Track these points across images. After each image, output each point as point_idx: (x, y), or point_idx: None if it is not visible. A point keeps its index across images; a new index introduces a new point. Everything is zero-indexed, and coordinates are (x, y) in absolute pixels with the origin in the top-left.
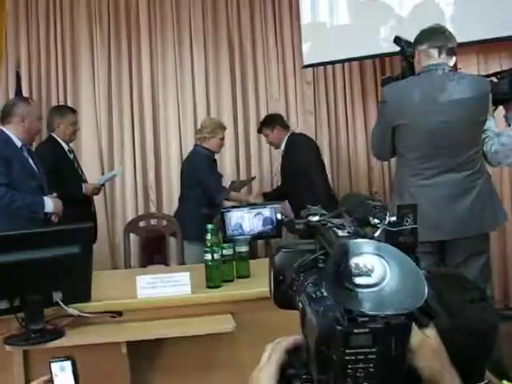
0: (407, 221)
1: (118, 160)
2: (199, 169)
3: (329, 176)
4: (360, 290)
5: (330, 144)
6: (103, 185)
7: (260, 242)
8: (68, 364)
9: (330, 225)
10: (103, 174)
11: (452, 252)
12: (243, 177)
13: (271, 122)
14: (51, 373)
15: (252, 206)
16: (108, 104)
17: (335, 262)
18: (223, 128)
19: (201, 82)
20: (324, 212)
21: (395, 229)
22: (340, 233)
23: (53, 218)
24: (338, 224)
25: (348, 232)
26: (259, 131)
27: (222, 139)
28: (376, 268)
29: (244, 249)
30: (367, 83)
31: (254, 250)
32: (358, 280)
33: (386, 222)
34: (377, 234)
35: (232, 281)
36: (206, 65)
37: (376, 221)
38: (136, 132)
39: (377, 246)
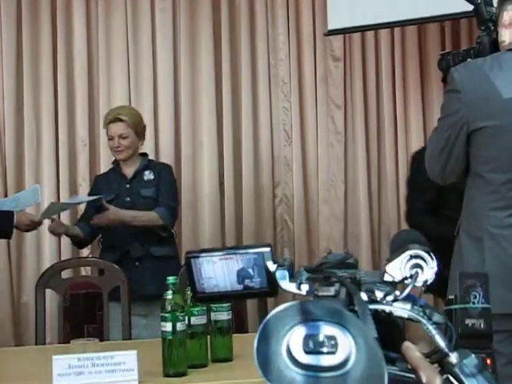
0: (475, 297)
1: (32, 173)
2: None
3: (366, 204)
4: (318, 374)
5: (367, 154)
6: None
7: (250, 304)
8: None
9: (333, 279)
10: (6, 195)
11: None
12: (229, 201)
13: None
14: None
15: (231, 249)
16: (16, 84)
17: (273, 331)
18: (106, 121)
19: (165, 49)
20: (351, 260)
21: (458, 306)
22: (321, 291)
23: None
24: (348, 277)
25: (335, 291)
26: None
27: (110, 138)
28: (341, 343)
29: (225, 316)
30: (430, 60)
31: (240, 316)
32: (316, 359)
33: (448, 299)
34: (405, 292)
35: (204, 366)
36: (174, 23)
37: (407, 273)
38: (61, 129)
39: (340, 312)
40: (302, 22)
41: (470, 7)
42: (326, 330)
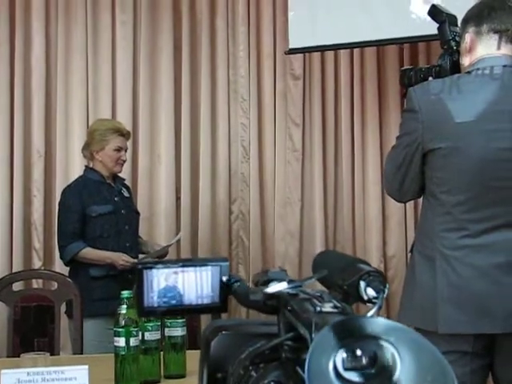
0: None
1: None
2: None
3: (322, 222)
4: None
5: (324, 172)
6: None
7: (204, 320)
8: None
9: (303, 296)
10: None
11: (506, 355)
12: (185, 216)
13: None
14: None
15: (188, 262)
16: None
17: (322, 349)
18: (117, 131)
19: (125, 62)
20: (291, 278)
21: None
22: (322, 307)
23: None
24: (315, 295)
25: (335, 306)
26: None
27: (119, 150)
28: (380, 358)
29: (179, 331)
30: (388, 80)
31: (194, 332)
32: (353, 376)
33: None
34: (371, 312)
35: (157, 382)
36: (135, 37)
37: (373, 293)
38: (17, 139)
39: (384, 326)
40: (262, 39)
41: (430, 30)
42: (365, 344)
